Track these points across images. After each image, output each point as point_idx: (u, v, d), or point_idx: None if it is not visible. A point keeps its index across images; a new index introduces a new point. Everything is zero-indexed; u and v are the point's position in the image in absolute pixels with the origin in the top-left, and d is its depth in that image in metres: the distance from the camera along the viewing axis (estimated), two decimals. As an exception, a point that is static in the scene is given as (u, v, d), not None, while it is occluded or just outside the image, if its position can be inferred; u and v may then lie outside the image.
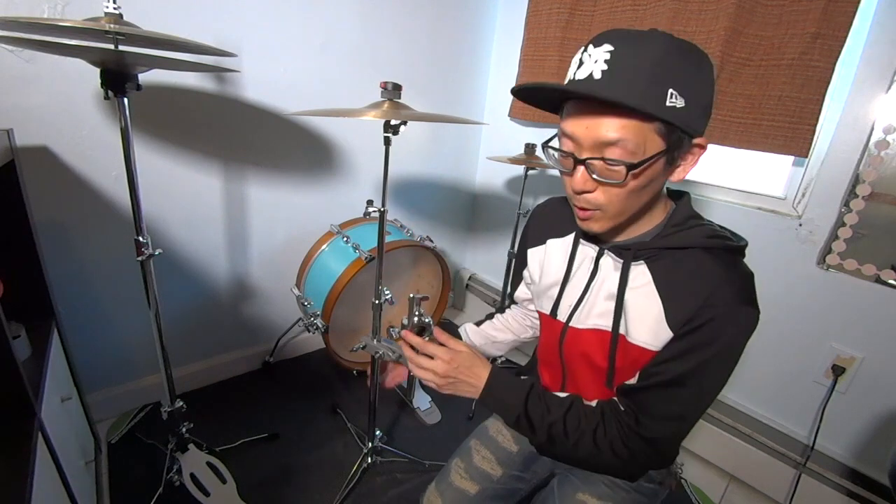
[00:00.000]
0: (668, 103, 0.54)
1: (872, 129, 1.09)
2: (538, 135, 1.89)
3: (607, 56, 0.54)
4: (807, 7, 1.10)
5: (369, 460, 1.37)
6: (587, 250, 0.74)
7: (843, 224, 1.16)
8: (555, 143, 0.65)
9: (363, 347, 0.87)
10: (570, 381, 0.81)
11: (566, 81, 0.60)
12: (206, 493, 1.18)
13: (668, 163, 0.60)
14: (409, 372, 0.82)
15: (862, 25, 1.09)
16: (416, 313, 0.76)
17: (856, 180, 1.13)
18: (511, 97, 1.87)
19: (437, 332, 0.75)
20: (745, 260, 0.66)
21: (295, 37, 1.45)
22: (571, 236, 0.77)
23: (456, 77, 1.94)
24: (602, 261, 0.71)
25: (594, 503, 0.80)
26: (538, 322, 0.97)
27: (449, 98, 1.95)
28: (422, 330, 0.76)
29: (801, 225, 1.24)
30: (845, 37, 1.07)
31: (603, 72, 0.54)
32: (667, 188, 0.70)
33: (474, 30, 1.92)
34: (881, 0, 1.07)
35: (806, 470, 1.23)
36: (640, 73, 0.53)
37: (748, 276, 0.63)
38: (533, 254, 0.84)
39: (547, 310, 0.79)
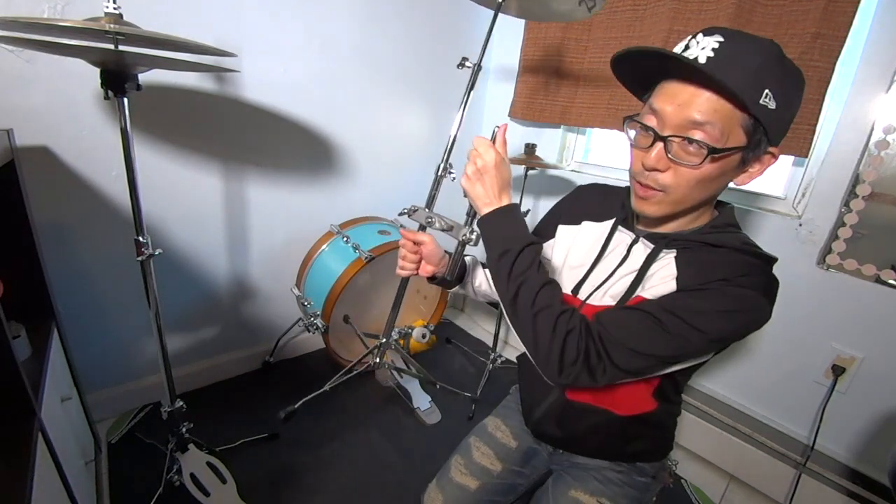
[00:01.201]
0: (761, 101, 0.55)
1: (872, 129, 1.10)
2: (538, 135, 1.89)
3: (716, 45, 0.56)
4: (807, 7, 1.10)
5: (378, 360, 1.38)
6: (623, 237, 0.75)
7: (843, 224, 1.16)
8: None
9: (413, 212, 0.81)
10: None
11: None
12: (206, 493, 1.18)
13: (743, 162, 0.61)
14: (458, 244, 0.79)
15: (862, 25, 1.09)
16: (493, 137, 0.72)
17: (856, 180, 1.13)
18: (510, 97, 1.88)
19: (502, 139, 0.71)
20: None
21: (295, 37, 1.45)
22: (610, 222, 0.78)
23: (456, 77, 1.93)
24: (635, 248, 0.72)
25: (586, 499, 0.80)
26: None
27: (449, 97, 1.95)
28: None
29: (801, 225, 1.24)
30: (845, 37, 1.07)
31: (708, 58, 0.56)
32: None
33: (474, 30, 1.92)
34: (881, 0, 1.07)
35: (806, 470, 1.23)
36: (744, 66, 0.55)
37: (773, 280, 0.64)
38: (564, 231, 0.85)
39: (567, 289, 0.79)
